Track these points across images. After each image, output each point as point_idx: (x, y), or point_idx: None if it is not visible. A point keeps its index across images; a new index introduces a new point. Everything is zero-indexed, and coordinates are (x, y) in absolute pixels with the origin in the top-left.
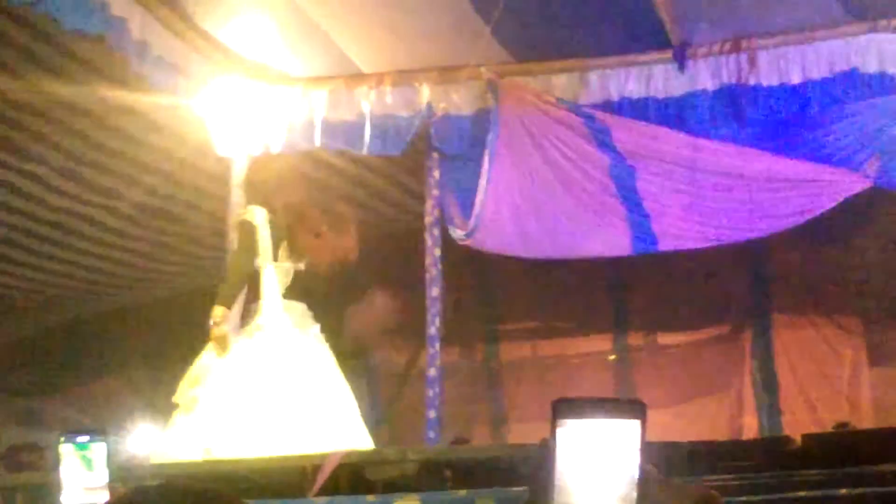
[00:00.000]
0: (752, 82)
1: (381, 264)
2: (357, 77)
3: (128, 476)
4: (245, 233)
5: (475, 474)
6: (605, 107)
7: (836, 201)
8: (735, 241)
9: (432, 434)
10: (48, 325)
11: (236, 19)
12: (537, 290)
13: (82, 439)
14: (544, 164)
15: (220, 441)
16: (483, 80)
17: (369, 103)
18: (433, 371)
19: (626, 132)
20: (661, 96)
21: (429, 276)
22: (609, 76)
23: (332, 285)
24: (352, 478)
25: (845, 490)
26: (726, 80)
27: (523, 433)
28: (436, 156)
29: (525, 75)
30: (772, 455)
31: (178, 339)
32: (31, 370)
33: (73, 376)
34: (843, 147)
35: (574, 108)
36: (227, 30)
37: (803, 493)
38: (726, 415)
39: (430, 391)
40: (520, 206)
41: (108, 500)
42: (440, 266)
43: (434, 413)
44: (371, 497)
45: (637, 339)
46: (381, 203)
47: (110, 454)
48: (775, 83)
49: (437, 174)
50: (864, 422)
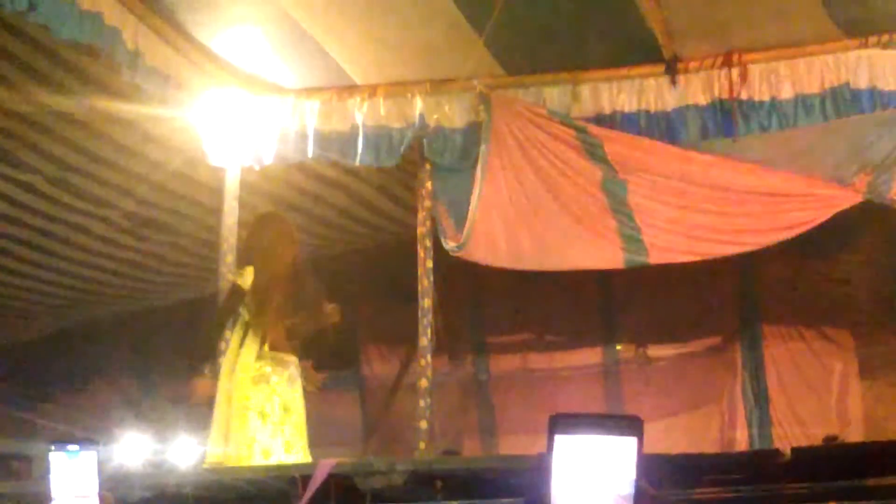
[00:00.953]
0: (744, 97)
1: (372, 275)
2: (350, 88)
3: (117, 485)
4: (234, 296)
5: (465, 485)
6: (597, 120)
7: (827, 216)
8: (726, 255)
9: (422, 445)
10: (38, 333)
11: (229, 30)
12: (528, 303)
13: (72, 448)
14: (536, 177)
15: None
16: (476, 93)
17: (362, 115)
18: (424, 382)
19: (618, 145)
20: (653, 110)
21: (421, 288)
22: (601, 89)
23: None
24: (341, 488)
25: (834, 503)
26: (718, 94)
27: (513, 445)
28: (428, 167)
29: (517, 88)
30: (761, 468)
31: (169, 349)
32: (20, 379)
33: (63, 385)
34: (833, 162)
35: (566, 121)
36: (220, 40)
37: None
38: (716, 428)
39: (422, 402)
40: (511, 219)
41: None
42: (432, 277)
43: (425, 424)
44: None
45: (627, 352)
46: (373, 214)
47: (100, 463)
48: (766, 98)
49: (429, 186)
50: (854, 435)
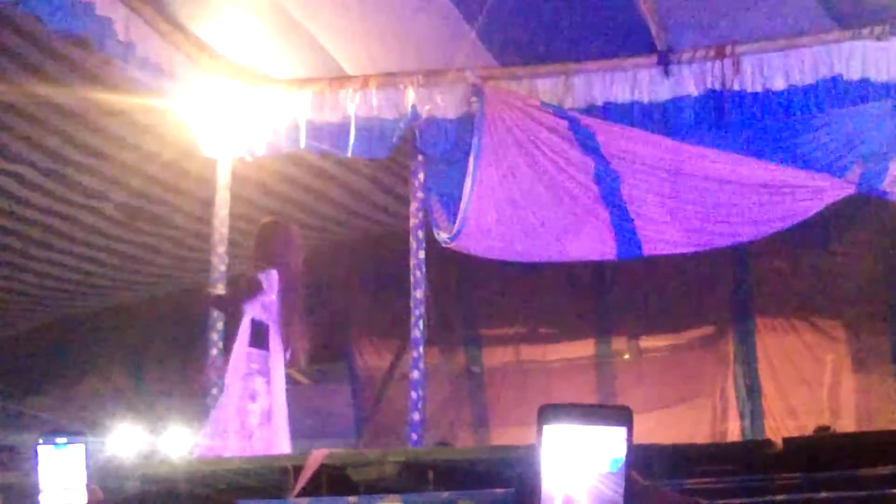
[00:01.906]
0: (737, 88)
1: (364, 267)
2: (342, 79)
3: (108, 477)
4: (252, 286)
5: (457, 476)
6: (590, 111)
7: (820, 207)
8: (718, 247)
9: (415, 436)
10: (31, 325)
11: (222, 21)
12: (520, 294)
13: (60, 440)
14: (529, 168)
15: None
16: (468, 84)
17: (354, 105)
18: (416, 374)
19: (610, 136)
20: (646, 101)
21: (413, 279)
22: (594, 80)
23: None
24: (334, 479)
25: (825, 493)
26: (710, 85)
27: (505, 437)
28: (420, 158)
29: (510, 79)
30: (753, 458)
31: (162, 341)
32: (13, 371)
33: (56, 377)
34: (826, 153)
35: (559, 112)
36: (212, 31)
37: (784, 496)
38: (709, 419)
39: (414, 394)
40: (504, 210)
41: (86, 501)
42: (424, 269)
43: (417, 415)
44: (353, 498)
45: (620, 344)
46: (365, 206)
47: (89, 455)
48: (759, 89)
49: (421, 177)
50: (846, 427)
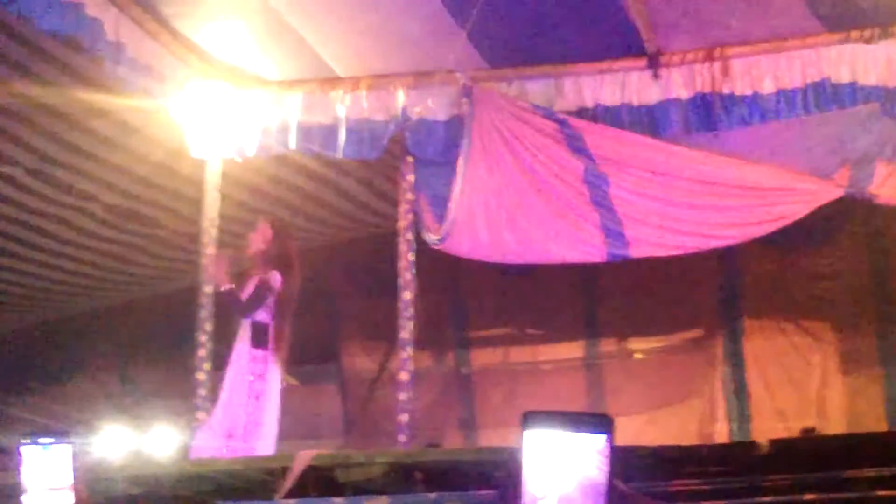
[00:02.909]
0: (726, 91)
1: (353, 268)
2: (332, 81)
3: (95, 478)
4: (273, 289)
5: (444, 477)
6: (580, 113)
7: (809, 210)
8: (707, 249)
9: (403, 438)
10: (19, 326)
11: (212, 22)
12: (509, 297)
13: (46, 441)
14: (518, 170)
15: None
16: (458, 86)
17: (344, 107)
18: (404, 375)
19: (600, 138)
20: (636, 103)
21: (402, 281)
22: (584, 83)
23: None
24: (321, 480)
25: (812, 495)
26: (700, 88)
27: (493, 439)
28: (410, 160)
29: (500, 81)
30: (740, 460)
31: (149, 342)
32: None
33: (43, 378)
34: (814, 156)
35: (548, 114)
36: (202, 32)
37: (770, 497)
38: (697, 421)
39: (402, 395)
40: (493, 212)
41: (72, 501)
42: (414, 270)
43: (406, 417)
44: (339, 499)
45: (608, 346)
46: (355, 207)
47: (75, 456)
48: (748, 92)
49: (411, 178)
50: (834, 429)
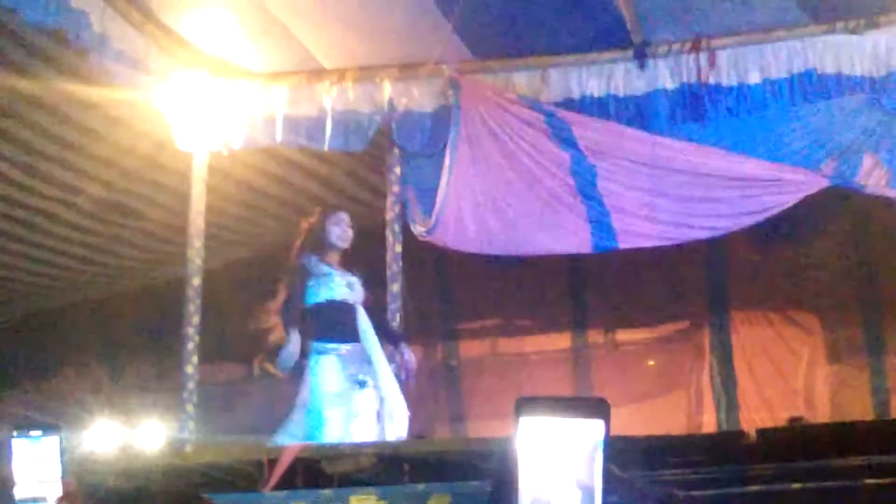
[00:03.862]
0: (712, 81)
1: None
2: (318, 73)
3: (83, 471)
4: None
5: (433, 468)
6: (566, 104)
7: (795, 200)
8: (694, 240)
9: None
10: (5, 319)
11: (197, 14)
12: (497, 288)
13: (35, 433)
14: (505, 161)
15: None
16: (444, 77)
17: (331, 99)
18: (393, 367)
19: (586, 130)
20: (622, 94)
21: (390, 273)
22: (570, 74)
23: None
24: (308, 471)
25: (799, 484)
26: (686, 79)
27: (482, 429)
28: (397, 152)
29: (486, 72)
30: (726, 449)
31: (138, 335)
32: None
33: (31, 371)
34: (800, 147)
35: (535, 106)
36: (187, 24)
37: (757, 487)
38: (685, 411)
39: None
40: (481, 204)
41: (61, 493)
42: (401, 263)
43: None
44: (327, 490)
45: (596, 337)
46: (342, 199)
47: (63, 449)
48: (734, 83)
49: (398, 171)
50: (821, 419)
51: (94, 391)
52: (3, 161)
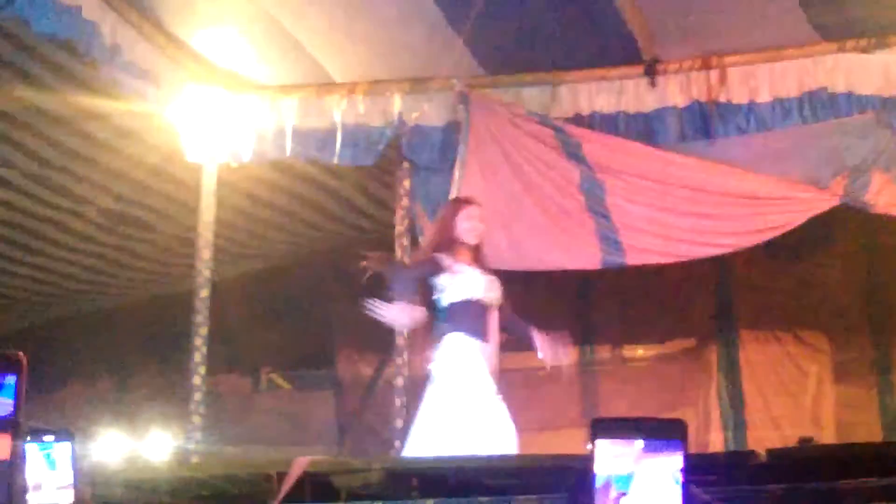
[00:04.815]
0: (722, 99)
1: (348, 273)
2: (329, 86)
3: (91, 482)
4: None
5: (442, 484)
6: (576, 120)
7: (804, 219)
8: (702, 257)
9: (399, 444)
10: (13, 329)
11: (208, 27)
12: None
13: (47, 439)
14: (514, 177)
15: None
16: (455, 92)
17: (341, 112)
18: (400, 381)
19: (596, 146)
20: (632, 111)
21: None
22: (580, 90)
23: None
24: (317, 486)
25: None
26: (696, 96)
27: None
28: (406, 166)
29: (496, 87)
30: (737, 469)
31: (146, 345)
32: None
33: (38, 382)
34: (810, 165)
35: (544, 121)
36: (199, 37)
37: None
38: (692, 430)
39: (398, 400)
40: (489, 219)
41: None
42: None
43: (402, 422)
44: None
45: (603, 353)
46: (351, 213)
47: (76, 455)
48: (745, 101)
49: (407, 184)
50: (828, 438)
51: (101, 402)
52: (13, 170)
